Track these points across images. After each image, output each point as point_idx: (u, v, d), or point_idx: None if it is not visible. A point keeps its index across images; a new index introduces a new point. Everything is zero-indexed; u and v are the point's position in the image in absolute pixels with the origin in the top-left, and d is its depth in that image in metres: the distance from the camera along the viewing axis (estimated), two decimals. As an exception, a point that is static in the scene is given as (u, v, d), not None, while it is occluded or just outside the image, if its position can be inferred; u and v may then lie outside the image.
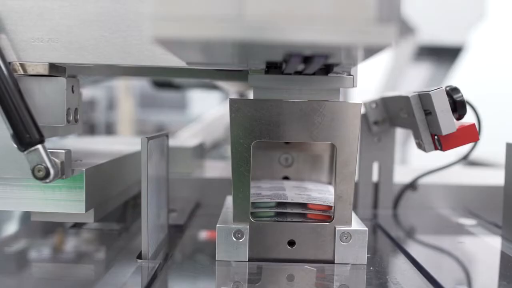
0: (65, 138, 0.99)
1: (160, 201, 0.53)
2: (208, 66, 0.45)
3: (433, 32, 2.40)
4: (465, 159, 0.70)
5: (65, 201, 0.47)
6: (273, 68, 0.45)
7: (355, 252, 0.47)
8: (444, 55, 2.50)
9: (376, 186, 0.73)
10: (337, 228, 0.47)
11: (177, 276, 0.45)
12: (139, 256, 0.47)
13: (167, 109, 3.23)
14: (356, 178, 0.73)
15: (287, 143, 0.61)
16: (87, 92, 2.96)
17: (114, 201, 0.57)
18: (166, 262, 0.47)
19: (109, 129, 3.05)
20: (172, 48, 0.31)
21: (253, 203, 0.49)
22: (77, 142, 0.89)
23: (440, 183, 0.75)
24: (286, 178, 0.62)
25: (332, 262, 0.47)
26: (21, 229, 0.61)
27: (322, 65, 0.42)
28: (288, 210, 0.48)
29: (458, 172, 0.88)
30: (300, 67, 0.41)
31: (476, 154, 1.30)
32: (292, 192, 0.52)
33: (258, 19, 0.27)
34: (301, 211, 0.48)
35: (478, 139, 0.52)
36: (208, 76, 0.61)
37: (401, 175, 0.76)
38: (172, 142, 0.85)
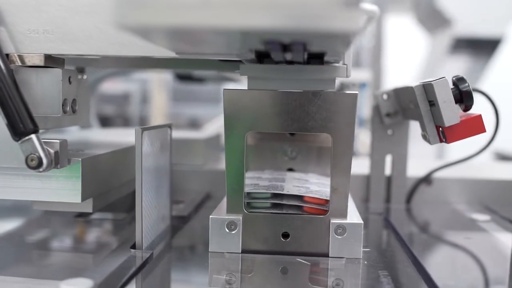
0: (86, 130, 1.01)
1: (160, 192, 0.53)
2: (197, 56, 0.44)
3: (470, 24, 2.33)
4: (481, 153, 0.67)
5: (62, 191, 0.48)
6: (265, 57, 0.44)
7: (350, 245, 0.46)
8: (482, 47, 2.43)
9: (389, 179, 0.71)
10: (331, 221, 0.46)
11: (167, 267, 0.45)
12: (133, 246, 0.47)
13: (201, 103, 3.25)
14: (368, 171, 0.72)
15: (292, 134, 0.61)
16: (121, 86, 3.01)
17: (118, 192, 0.58)
18: (160, 253, 0.47)
19: (143, 123, 3.10)
20: (142, 35, 0.31)
21: (249, 193, 0.48)
22: (94, 134, 0.90)
23: (456, 177, 0.73)
24: (291, 170, 0.61)
25: (326, 255, 0.46)
26: (29, 219, 0.62)
27: (308, 53, 0.41)
28: (284, 202, 0.48)
29: (481, 166, 0.85)
30: (289, 56, 0.40)
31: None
32: (291, 184, 0.51)
33: (222, 5, 0.27)
34: (297, 203, 0.48)
35: (485, 131, 0.50)
36: (212, 67, 0.61)
37: (417, 169, 0.74)
38: (185, 133, 0.86)
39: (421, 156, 1.87)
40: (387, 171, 0.71)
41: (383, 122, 0.69)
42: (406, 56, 3.13)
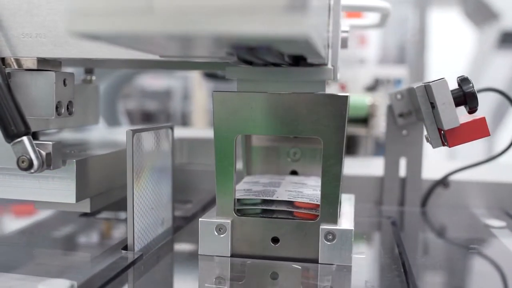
0: (114, 128, 1.03)
1: (159, 193, 0.53)
2: (180, 58, 0.44)
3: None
4: (500, 156, 0.64)
5: (57, 191, 0.48)
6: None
7: (340, 252, 0.45)
8: (533, 41, 2.32)
9: (404, 182, 0.69)
10: (321, 227, 0.45)
11: (154, 269, 0.45)
12: (125, 248, 0.47)
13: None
14: (382, 173, 0.70)
15: (295, 136, 0.59)
16: (163, 82, 3.07)
17: (121, 192, 0.58)
18: (151, 255, 0.47)
19: (185, 118, 3.14)
20: (99, 41, 0.31)
21: (239, 199, 0.48)
22: (119, 133, 0.92)
23: (475, 180, 0.70)
24: (294, 172, 0.60)
25: (316, 261, 0.45)
26: (33, 217, 0.63)
27: (292, 56, 0.40)
28: (273, 207, 0.47)
29: (505, 168, 0.81)
30: (270, 58, 0.39)
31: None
32: (284, 188, 0.51)
33: (167, 11, 0.27)
34: (286, 209, 0.47)
35: (489, 134, 0.47)
36: (218, 68, 0.60)
37: (434, 171, 0.71)
38: (199, 133, 0.86)
39: (468, 155, 1.81)
40: (402, 173, 0.69)
41: (396, 123, 0.67)
42: (453, 51, 3.03)
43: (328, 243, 0.45)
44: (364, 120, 1.04)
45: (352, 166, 0.77)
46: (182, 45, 0.32)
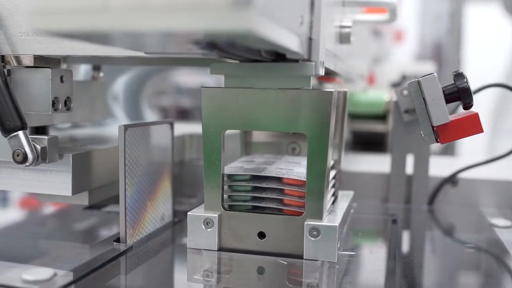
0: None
1: (157, 188, 0.54)
2: (164, 55, 0.45)
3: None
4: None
5: (55, 184, 0.50)
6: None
7: (325, 248, 0.45)
8: None
9: (410, 179, 0.68)
10: (306, 223, 0.45)
11: (139, 262, 0.46)
12: (117, 239, 0.48)
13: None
14: (388, 170, 0.69)
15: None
16: (196, 79, 3.10)
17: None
18: (142, 247, 0.48)
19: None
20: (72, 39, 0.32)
21: (230, 175, 0.48)
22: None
23: (485, 179, 0.68)
24: (293, 168, 0.60)
25: (302, 257, 0.45)
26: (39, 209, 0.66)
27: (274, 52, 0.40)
28: (264, 185, 0.47)
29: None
30: (248, 54, 0.39)
31: None
32: (276, 166, 0.51)
33: (121, 9, 0.27)
34: (275, 186, 0.47)
35: (482, 131, 0.46)
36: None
37: (442, 169, 0.70)
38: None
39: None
40: (409, 170, 0.68)
41: (402, 119, 0.66)
42: (491, 48, 2.94)
43: (313, 239, 0.45)
44: (382, 117, 1.02)
45: (359, 163, 0.76)
46: (145, 41, 0.33)
